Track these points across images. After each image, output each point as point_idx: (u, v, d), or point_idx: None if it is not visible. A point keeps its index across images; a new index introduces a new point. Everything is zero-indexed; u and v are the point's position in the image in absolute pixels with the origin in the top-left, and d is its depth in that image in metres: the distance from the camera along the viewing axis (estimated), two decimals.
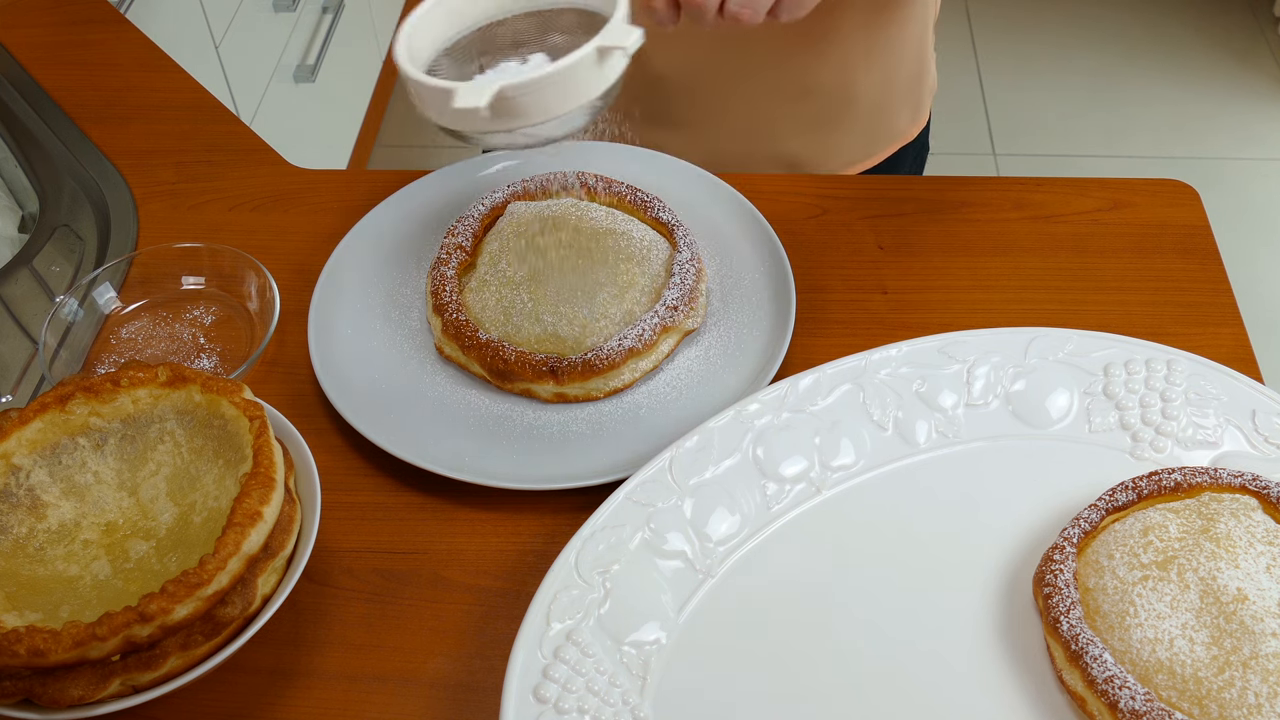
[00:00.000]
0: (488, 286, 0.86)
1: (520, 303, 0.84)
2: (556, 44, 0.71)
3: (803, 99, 1.07)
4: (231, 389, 0.73)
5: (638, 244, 0.87)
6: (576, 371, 0.81)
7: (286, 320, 0.89)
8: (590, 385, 0.82)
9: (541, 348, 0.83)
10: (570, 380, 0.81)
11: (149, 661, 0.65)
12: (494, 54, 0.71)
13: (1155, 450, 0.75)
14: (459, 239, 0.88)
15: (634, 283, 0.85)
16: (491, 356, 0.81)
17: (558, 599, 0.69)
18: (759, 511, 0.74)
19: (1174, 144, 2.65)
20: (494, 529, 0.78)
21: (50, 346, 0.87)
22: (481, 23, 0.73)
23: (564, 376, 0.81)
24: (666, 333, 0.83)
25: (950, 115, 2.76)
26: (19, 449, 0.73)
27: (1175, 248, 0.92)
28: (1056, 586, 0.66)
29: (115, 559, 0.71)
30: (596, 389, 0.82)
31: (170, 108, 1.11)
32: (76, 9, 1.24)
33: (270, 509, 0.68)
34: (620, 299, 0.84)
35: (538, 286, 0.84)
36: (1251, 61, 2.84)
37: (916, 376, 0.78)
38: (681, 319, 0.83)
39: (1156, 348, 0.78)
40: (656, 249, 0.87)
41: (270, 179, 1.03)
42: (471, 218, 0.89)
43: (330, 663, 0.72)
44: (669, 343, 0.84)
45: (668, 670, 0.68)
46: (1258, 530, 0.66)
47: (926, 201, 0.96)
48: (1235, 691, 0.61)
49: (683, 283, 0.84)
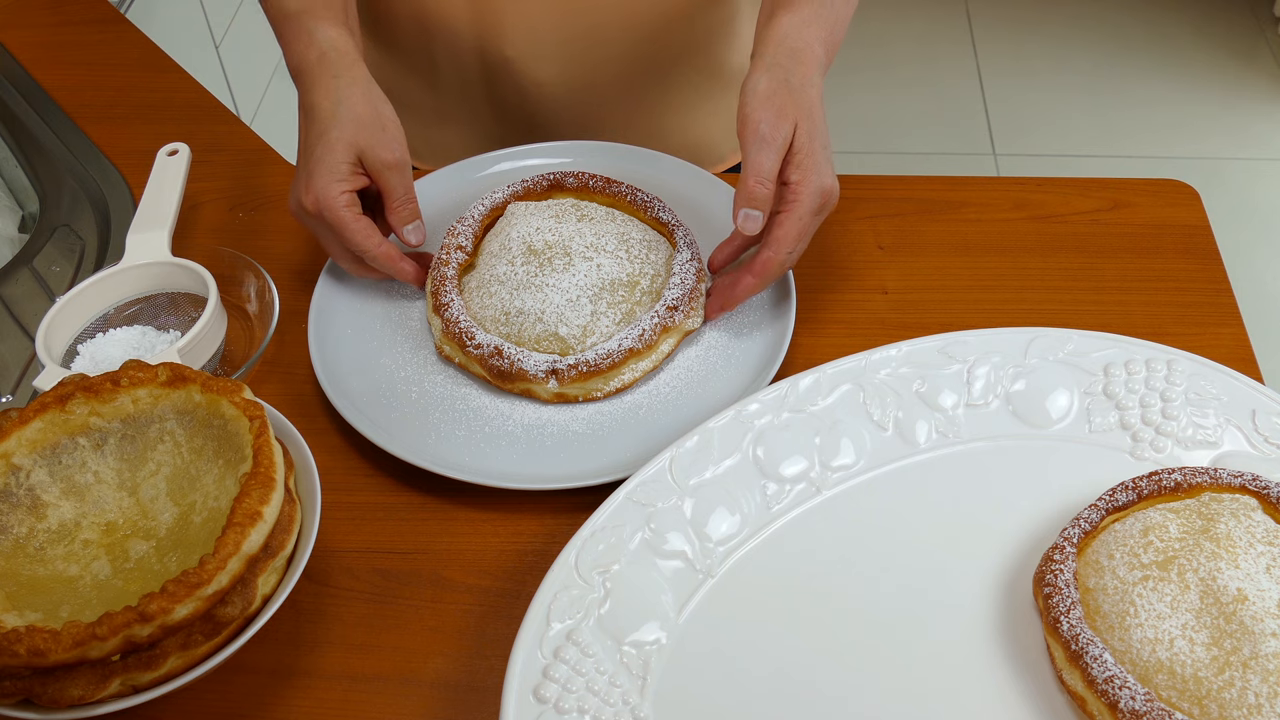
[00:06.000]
0: (488, 287, 0.86)
1: (520, 303, 0.84)
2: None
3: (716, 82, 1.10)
4: (231, 389, 0.73)
5: (637, 245, 0.87)
6: (577, 372, 0.81)
7: (286, 321, 0.89)
8: (590, 385, 0.82)
9: (542, 348, 0.83)
10: (571, 381, 0.81)
11: (149, 661, 0.65)
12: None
13: (1155, 450, 0.75)
14: (459, 239, 0.88)
15: (634, 283, 0.85)
16: (491, 357, 0.81)
17: (558, 599, 0.69)
18: (759, 511, 0.74)
19: (1174, 144, 2.65)
20: (494, 529, 0.78)
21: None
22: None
23: (564, 377, 0.81)
24: (667, 333, 0.83)
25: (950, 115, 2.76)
26: (19, 449, 0.73)
27: (1175, 248, 0.92)
28: (1056, 586, 0.66)
29: (115, 559, 0.71)
30: (597, 389, 0.82)
31: (170, 108, 1.11)
32: (76, 9, 1.24)
33: (270, 509, 0.68)
34: (621, 300, 0.84)
35: (538, 288, 0.84)
36: (1251, 61, 2.84)
37: (916, 376, 0.78)
38: (681, 319, 0.83)
39: (1156, 348, 0.78)
40: (656, 249, 0.87)
41: (270, 179, 1.03)
42: (471, 218, 0.89)
43: (330, 663, 0.72)
44: (669, 343, 0.84)
45: (668, 670, 0.68)
46: (1258, 530, 0.66)
47: (926, 201, 0.96)
48: (1235, 691, 0.61)
49: (683, 283, 0.84)
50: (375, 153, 0.83)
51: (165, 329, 0.88)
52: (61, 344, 0.87)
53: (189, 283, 0.90)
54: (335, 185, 0.82)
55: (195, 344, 0.83)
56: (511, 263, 0.85)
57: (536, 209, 0.89)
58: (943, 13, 3.05)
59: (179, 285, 0.90)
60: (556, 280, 0.84)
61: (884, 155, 1.08)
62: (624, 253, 0.86)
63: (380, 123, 0.84)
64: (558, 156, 0.99)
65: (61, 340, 0.87)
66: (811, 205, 0.80)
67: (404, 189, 0.86)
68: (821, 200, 0.80)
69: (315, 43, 0.86)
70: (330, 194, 0.82)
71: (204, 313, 0.85)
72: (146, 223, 0.92)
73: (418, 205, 0.87)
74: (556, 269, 0.84)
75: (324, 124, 0.83)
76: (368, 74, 0.86)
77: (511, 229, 0.88)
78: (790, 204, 0.80)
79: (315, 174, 0.82)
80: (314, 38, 0.86)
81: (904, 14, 3.01)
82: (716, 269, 0.88)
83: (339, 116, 0.83)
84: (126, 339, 0.87)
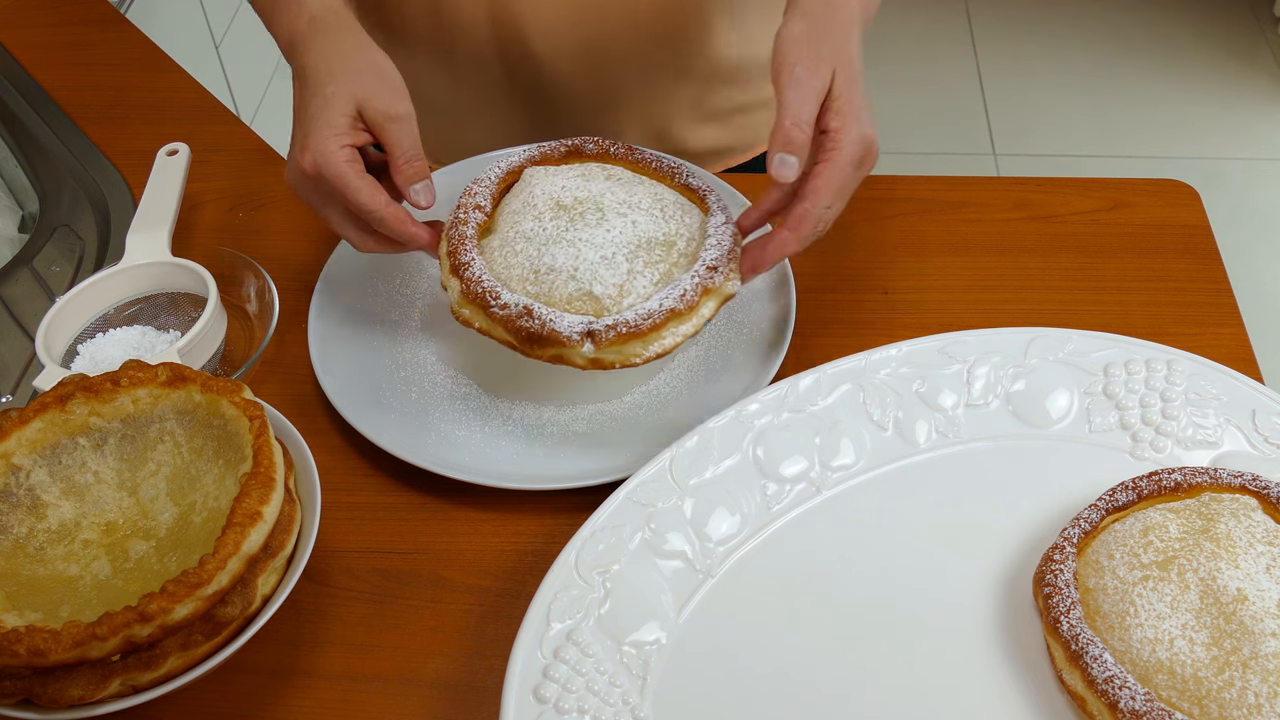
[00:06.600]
0: (512, 245, 0.78)
1: (550, 259, 0.76)
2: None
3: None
4: (231, 389, 0.73)
5: (671, 205, 0.81)
6: (616, 334, 0.73)
7: (286, 320, 0.89)
8: (629, 350, 0.75)
9: (573, 309, 0.75)
10: (608, 344, 0.74)
11: (149, 661, 0.65)
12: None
13: (1155, 450, 0.75)
14: (476, 199, 0.80)
15: (671, 243, 0.78)
16: (520, 318, 0.74)
17: (558, 599, 0.69)
18: (759, 511, 0.74)
19: (1174, 144, 2.65)
20: (494, 529, 0.78)
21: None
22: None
23: (601, 339, 0.73)
24: (707, 294, 0.76)
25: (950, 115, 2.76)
26: (19, 449, 0.73)
27: (1175, 248, 0.92)
28: (1056, 586, 0.66)
29: (115, 559, 0.71)
30: (636, 354, 0.75)
31: (170, 108, 1.11)
32: (76, 9, 1.24)
33: (270, 509, 0.68)
34: (658, 259, 0.78)
35: (569, 243, 0.77)
36: (1251, 61, 2.84)
37: (916, 376, 0.78)
38: (721, 280, 0.76)
39: (1156, 348, 0.78)
40: (690, 212, 0.81)
41: (270, 179, 1.03)
42: (488, 180, 0.82)
43: (330, 663, 0.72)
44: (709, 306, 0.77)
45: (668, 670, 0.68)
46: (1258, 530, 0.66)
47: (926, 201, 0.96)
48: (1235, 691, 0.61)
49: (720, 244, 0.77)
50: (376, 104, 0.77)
51: (165, 329, 0.88)
52: (61, 344, 0.87)
53: (189, 283, 0.90)
54: (333, 140, 0.76)
55: (195, 344, 0.83)
56: (539, 218, 0.78)
57: (558, 171, 0.82)
58: (943, 13, 3.05)
59: (179, 285, 0.90)
60: (590, 235, 0.77)
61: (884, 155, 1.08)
62: (658, 211, 0.79)
63: (379, 73, 0.79)
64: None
65: (61, 340, 0.87)
66: (852, 155, 0.74)
67: (410, 143, 0.78)
68: (863, 150, 0.74)
69: (305, 8, 0.81)
70: (328, 149, 0.76)
71: (204, 313, 0.85)
72: (146, 223, 0.92)
73: (426, 163, 0.80)
74: (589, 223, 0.78)
75: (318, 81, 0.78)
76: (362, 29, 0.81)
77: (534, 186, 0.81)
78: (829, 152, 0.73)
79: (311, 132, 0.77)
80: (303, 5, 0.82)
81: (904, 14, 3.01)
82: (748, 232, 0.81)
83: (334, 71, 0.78)
84: (126, 339, 0.87)
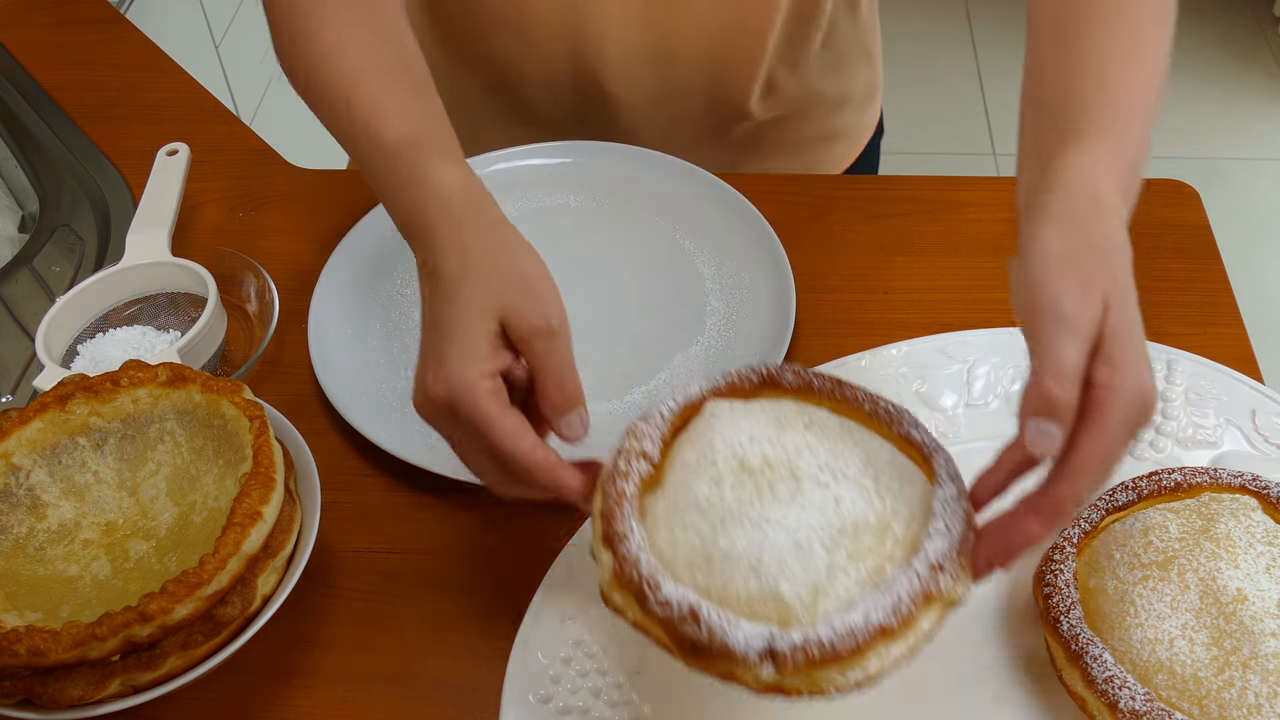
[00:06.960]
0: (681, 514, 0.60)
1: (728, 543, 0.58)
2: None
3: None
4: (231, 389, 0.73)
5: (887, 472, 0.61)
6: (805, 656, 0.55)
7: (286, 321, 0.89)
8: (821, 677, 0.56)
9: (754, 612, 0.57)
10: (794, 671, 0.55)
11: (149, 661, 0.65)
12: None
13: (1155, 450, 0.75)
14: (643, 443, 0.63)
15: (885, 528, 0.59)
16: (683, 623, 0.56)
17: (558, 599, 0.69)
18: None
19: (1174, 144, 2.65)
20: (494, 529, 0.78)
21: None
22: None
23: (786, 663, 0.55)
24: (929, 603, 0.56)
25: (950, 115, 2.76)
26: (19, 449, 0.73)
27: (1175, 248, 0.92)
28: (1056, 586, 0.66)
29: (115, 559, 0.71)
30: (830, 682, 0.56)
31: (170, 108, 1.11)
32: (76, 9, 1.24)
33: (270, 509, 0.68)
34: (867, 550, 0.58)
35: (754, 524, 0.58)
36: (1251, 61, 2.84)
37: (916, 376, 0.78)
38: (949, 584, 0.57)
39: (1156, 347, 0.78)
40: (911, 481, 0.61)
41: (270, 179, 1.03)
42: (660, 417, 0.64)
43: (330, 663, 0.72)
44: (930, 619, 0.57)
45: (668, 670, 0.68)
46: (1258, 530, 0.66)
47: (926, 201, 0.96)
48: (1235, 691, 0.61)
49: (949, 530, 0.58)
50: (522, 316, 0.63)
51: (165, 329, 0.88)
52: (61, 344, 0.87)
53: (189, 283, 0.90)
54: (473, 368, 0.61)
55: (195, 344, 0.84)
56: (717, 483, 0.60)
57: (746, 412, 0.64)
58: (943, 13, 3.05)
59: (179, 285, 0.90)
60: (781, 514, 0.58)
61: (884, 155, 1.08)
62: (870, 481, 0.60)
63: (523, 275, 0.64)
64: (557, 157, 0.99)
65: (61, 340, 0.87)
66: (1126, 417, 0.56)
67: (559, 364, 0.63)
68: (1140, 410, 0.57)
69: (430, 186, 0.68)
70: (468, 379, 0.61)
71: (204, 313, 0.85)
72: (146, 223, 0.92)
73: (579, 385, 0.64)
74: (780, 498, 0.59)
75: (451, 283, 0.64)
76: (504, 217, 0.68)
77: (714, 434, 0.62)
78: (1098, 414, 0.56)
79: (447, 355, 0.62)
80: (428, 180, 0.68)
81: (904, 14, 3.01)
82: (981, 505, 0.61)
83: (469, 269, 0.64)
84: (126, 339, 0.87)
